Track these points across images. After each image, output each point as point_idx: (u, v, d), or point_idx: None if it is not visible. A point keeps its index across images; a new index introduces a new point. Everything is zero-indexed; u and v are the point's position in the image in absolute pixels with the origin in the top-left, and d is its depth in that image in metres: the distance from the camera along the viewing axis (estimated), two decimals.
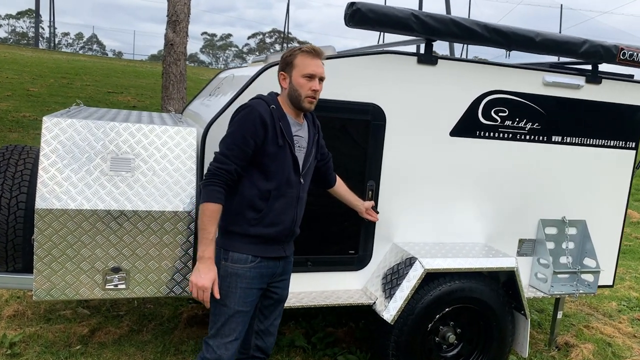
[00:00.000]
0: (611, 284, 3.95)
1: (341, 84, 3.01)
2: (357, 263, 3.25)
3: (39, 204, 2.61)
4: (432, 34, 3.05)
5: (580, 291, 3.62)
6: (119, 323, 3.75)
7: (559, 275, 3.59)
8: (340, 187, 2.92)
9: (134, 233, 2.76)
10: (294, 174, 2.38)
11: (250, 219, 2.32)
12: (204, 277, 2.26)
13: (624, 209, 3.86)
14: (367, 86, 3.06)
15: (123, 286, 2.81)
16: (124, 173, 2.80)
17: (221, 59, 63.29)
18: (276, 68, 2.88)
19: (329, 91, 2.98)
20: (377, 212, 3.13)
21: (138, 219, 2.73)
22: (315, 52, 2.36)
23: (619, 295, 5.36)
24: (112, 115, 3.27)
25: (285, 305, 2.95)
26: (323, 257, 3.23)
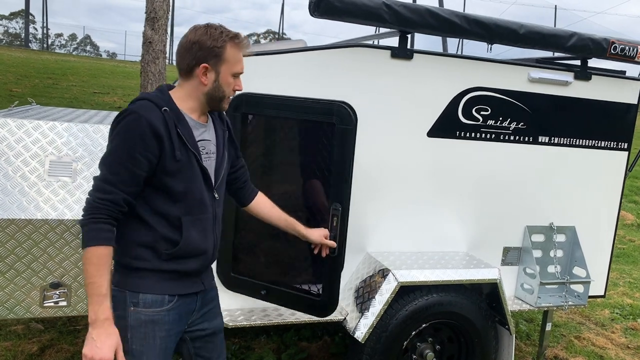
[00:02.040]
0: (603, 294, 3.71)
1: (308, 81, 2.75)
2: None
3: None
4: (406, 25, 2.80)
5: (570, 303, 3.37)
6: (74, 339, 3.48)
7: (546, 286, 3.34)
8: (263, 206, 2.27)
9: (76, 245, 2.50)
10: (207, 190, 1.90)
11: (162, 252, 1.82)
12: (103, 347, 1.67)
13: (615, 214, 3.62)
14: (337, 82, 2.81)
15: (64, 303, 2.55)
16: (65, 178, 2.54)
17: None
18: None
19: (293, 89, 2.73)
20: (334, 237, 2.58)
21: (80, 229, 2.47)
22: (247, 43, 1.90)
23: (612, 302, 5.13)
24: (62, 115, 3.01)
25: (249, 323, 2.70)
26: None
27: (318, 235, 2.37)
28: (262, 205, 2.27)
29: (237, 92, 1.93)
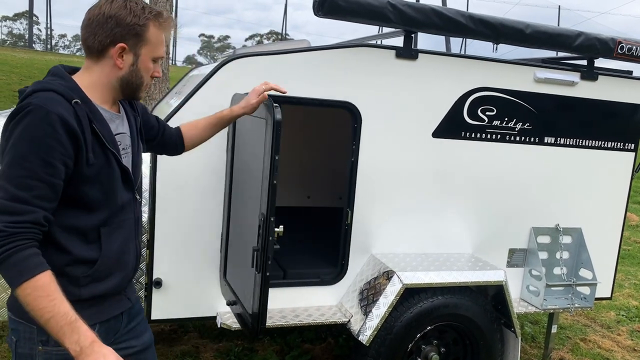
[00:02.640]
0: (609, 296, 3.67)
1: (311, 81, 2.73)
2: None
3: None
4: (411, 24, 2.78)
5: (576, 305, 3.34)
6: None
7: (552, 288, 3.31)
8: (193, 133, 2.04)
9: None
10: (127, 191, 1.62)
11: (77, 277, 1.50)
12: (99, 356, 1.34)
13: (622, 216, 3.59)
14: (341, 83, 2.78)
15: None
16: None
17: (219, 60, 63.08)
18: (241, 61, 2.61)
19: (297, 89, 2.71)
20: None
21: None
22: (171, 23, 1.61)
23: (618, 304, 5.08)
24: None
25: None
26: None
27: (254, 96, 2.04)
28: (192, 133, 2.04)
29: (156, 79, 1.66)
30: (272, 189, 2.04)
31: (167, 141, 2.00)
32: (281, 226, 2.16)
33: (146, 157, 2.72)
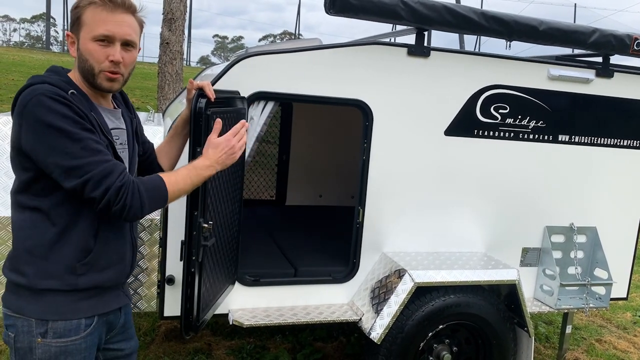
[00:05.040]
0: (625, 296, 3.62)
1: (323, 79, 2.73)
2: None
3: None
4: (423, 22, 2.76)
5: (591, 305, 3.30)
6: None
7: (566, 288, 3.27)
8: (164, 153, 2.01)
9: None
10: None
11: (75, 265, 1.52)
12: (217, 146, 1.72)
13: (638, 215, 3.53)
14: (352, 81, 2.78)
15: None
16: None
17: (231, 59, 63.34)
18: (252, 60, 2.63)
19: (309, 87, 2.71)
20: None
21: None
22: (117, 2, 1.53)
23: (634, 305, 5.01)
24: None
25: (263, 322, 2.68)
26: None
27: (189, 95, 1.94)
28: (164, 156, 2.00)
29: (115, 64, 1.55)
30: None
31: (152, 163, 1.97)
32: (210, 222, 2.05)
33: None
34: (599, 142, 3.31)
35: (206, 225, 2.02)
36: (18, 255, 1.52)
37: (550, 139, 3.20)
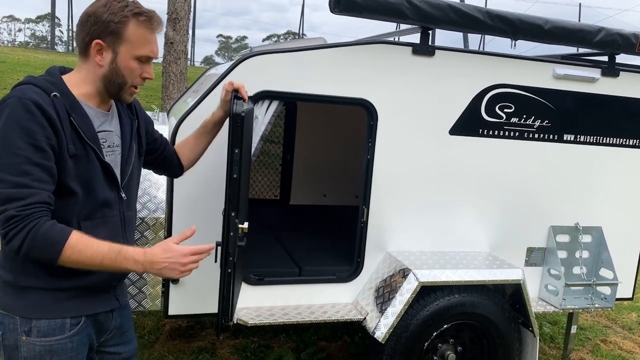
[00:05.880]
0: (630, 296, 3.60)
1: (327, 78, 2.73)
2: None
3: None
4: (428, 21, 2.76)
5: (596, 305, 3.29)
6: None
7: (571, 288, 3.26)
8: (189, 150, 2.06)
9: None
10: (110, 190, 1.61)
11: (54, 267, 1.46)
12: (173, 255, 1.49)
13: None
14: (356, 80, 2.78)
15: None
16: None
17: (236, 58, 63.36)
18: (257, 59, 2.62)
19: (313, 87, 2.71)
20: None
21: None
22: (158, 23, 1.59)
23: None
24: None
25: (268, 321, 2.68)
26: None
27: (226, 95, 2.02)
28: (185, 151, 2.02)
29: (145, 80, 1.62)
30: (232, 183, 1.99)
31: (168, 158, 2.00)
32: (246, 223, 2.06)
33: None
34: (604, 141, 3.30)
35: (242, 226, 2.01)
36: (2, 252, 1.51)
37: (556, 138, 3.19)
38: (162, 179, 2.97)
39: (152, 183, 2.97)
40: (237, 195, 1.97)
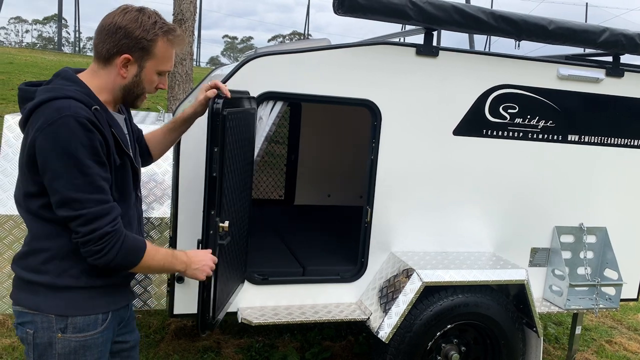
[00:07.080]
0: (635, 297, 3.59)
1: (331, 78, 2.74)
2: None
3: None
4: (431, 22, 2.77)
5: (601, 306, 3.28)
6: None
7: (576, 288, 3.26)
8: (158, 140, 2.04)
9: None
10: (133, 190, 1.73)
11: (92, 266, 1.58)
12: (204, 260, 1.78)
13: None
14: (361, 81, 2.79)
15: None
16: None
17: (240, 59, 63.46)
18: (262, 60, 2.64)
19: (317, 87, 2.72)
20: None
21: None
22: (182, 39, 1.66)
23: None
24: None
25: (272, 321, 2.70)
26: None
27: (201, 94, 1.98)
28: (152, 143, 2.02)
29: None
30: (211, 182, 2.01)
31: (142, 148, 2.00)
32: (227, 222, 2.07)
33: (169, 154, 2.78)
34: (609, 142, 3.29)
35: (222, 225, 2.04)
36: (36, 255, 1.56)
37: (560, 138, 3.19)
38: (168, 179, 2.99)
39: (158, 184, 2.99)
40: (216, 194, 1.99)
